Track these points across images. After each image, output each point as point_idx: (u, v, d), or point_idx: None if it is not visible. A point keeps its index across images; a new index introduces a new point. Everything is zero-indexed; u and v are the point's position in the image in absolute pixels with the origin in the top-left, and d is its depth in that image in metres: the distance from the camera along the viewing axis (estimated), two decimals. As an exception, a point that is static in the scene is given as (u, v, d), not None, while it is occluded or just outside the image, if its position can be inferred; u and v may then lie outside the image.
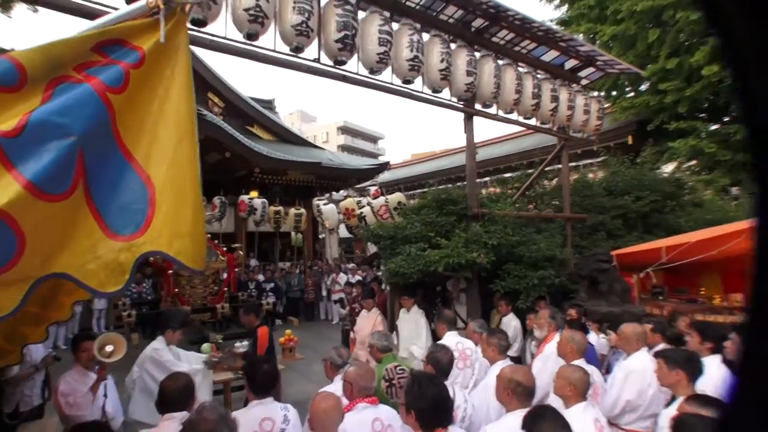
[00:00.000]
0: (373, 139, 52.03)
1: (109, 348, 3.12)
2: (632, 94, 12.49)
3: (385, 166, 16.91)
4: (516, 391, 2.30)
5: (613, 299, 5.59)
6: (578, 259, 6.07)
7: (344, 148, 42.63)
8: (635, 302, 5.92)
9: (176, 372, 2.82)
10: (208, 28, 4.24)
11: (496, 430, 2.26)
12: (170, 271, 8.26)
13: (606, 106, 9.81)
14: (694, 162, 11.22)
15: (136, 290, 9.57)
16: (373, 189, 10.89)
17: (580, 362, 3.06)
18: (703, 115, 11.22)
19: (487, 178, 14.47)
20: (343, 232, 16.29)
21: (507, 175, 11.81)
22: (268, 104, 18.68)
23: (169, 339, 4.23)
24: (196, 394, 2.50)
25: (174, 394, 2.36)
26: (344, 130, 47.91)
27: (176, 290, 8.34)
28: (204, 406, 1.92)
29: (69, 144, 1.10)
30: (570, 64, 7.53)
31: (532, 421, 1.90)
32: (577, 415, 2.40)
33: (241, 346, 5.10)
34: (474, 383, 3.60)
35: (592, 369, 3.30)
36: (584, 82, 7.85)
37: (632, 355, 3.43)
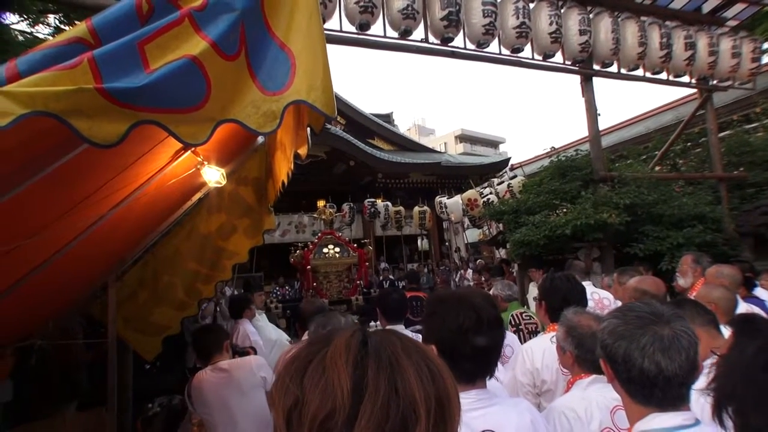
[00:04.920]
0: (494, 144, 50.42)
1: None
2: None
3: (506, 162, 16.47)
4: (642, 300, 2.13)
5: (792, 259, 4.69)
6: (737, 215, 5.19)
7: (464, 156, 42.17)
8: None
9: (312, 298, 3.28)
10: (324, 25, 4.80)
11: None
12: (308, 267, 9.14)
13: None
14: None
15: (279, 292, 10.84)
16: (496, 181, 10.60)
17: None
18: None
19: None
20: (471, 236, 16.19)
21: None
22: (386, 117, 19.61)
23: (258, 302, 4.85)
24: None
25: (310, 314, 2.79)
26: (462, 138, 47.26)
27: (314, 284, 9.18)
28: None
29: (235, 16, 1.55)
30: (709, 6, 6.61)
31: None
32: (726, 334, 2.14)
33: (375, 325, 5.50)
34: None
35: (756, 309, 2.88)
36: (732, 23, 6.77)
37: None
